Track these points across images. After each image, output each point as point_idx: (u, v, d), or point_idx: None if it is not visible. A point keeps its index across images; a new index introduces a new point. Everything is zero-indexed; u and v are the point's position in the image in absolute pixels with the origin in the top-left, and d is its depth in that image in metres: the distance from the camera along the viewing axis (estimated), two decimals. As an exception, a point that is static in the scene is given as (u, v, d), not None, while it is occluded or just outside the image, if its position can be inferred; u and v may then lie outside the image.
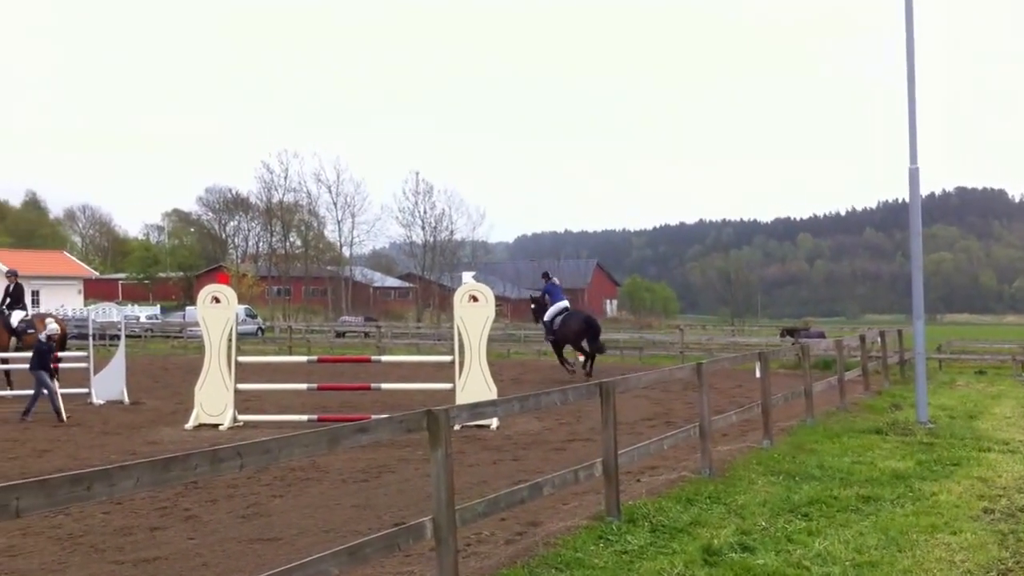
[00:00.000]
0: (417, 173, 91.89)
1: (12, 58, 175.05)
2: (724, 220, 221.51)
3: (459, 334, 17.10)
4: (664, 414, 18.36)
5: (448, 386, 17.41)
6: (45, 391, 18.27)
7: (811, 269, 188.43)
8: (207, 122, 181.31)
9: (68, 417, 18.06)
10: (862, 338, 22.66)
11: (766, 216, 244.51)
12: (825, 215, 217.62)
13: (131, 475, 4.94)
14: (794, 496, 10.21)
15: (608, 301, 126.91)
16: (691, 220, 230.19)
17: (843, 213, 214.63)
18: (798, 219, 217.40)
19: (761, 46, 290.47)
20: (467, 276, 18.25)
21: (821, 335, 33.06)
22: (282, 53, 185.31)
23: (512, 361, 35.15)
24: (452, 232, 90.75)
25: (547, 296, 28.13)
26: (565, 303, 27.87)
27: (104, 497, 4.93)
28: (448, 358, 17.91)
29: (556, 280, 29.39)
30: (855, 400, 19.30)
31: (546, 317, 27.67)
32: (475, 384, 16.55)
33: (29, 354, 21.60)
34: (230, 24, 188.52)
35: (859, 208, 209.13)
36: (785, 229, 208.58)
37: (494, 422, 16.33)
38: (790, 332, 37.28)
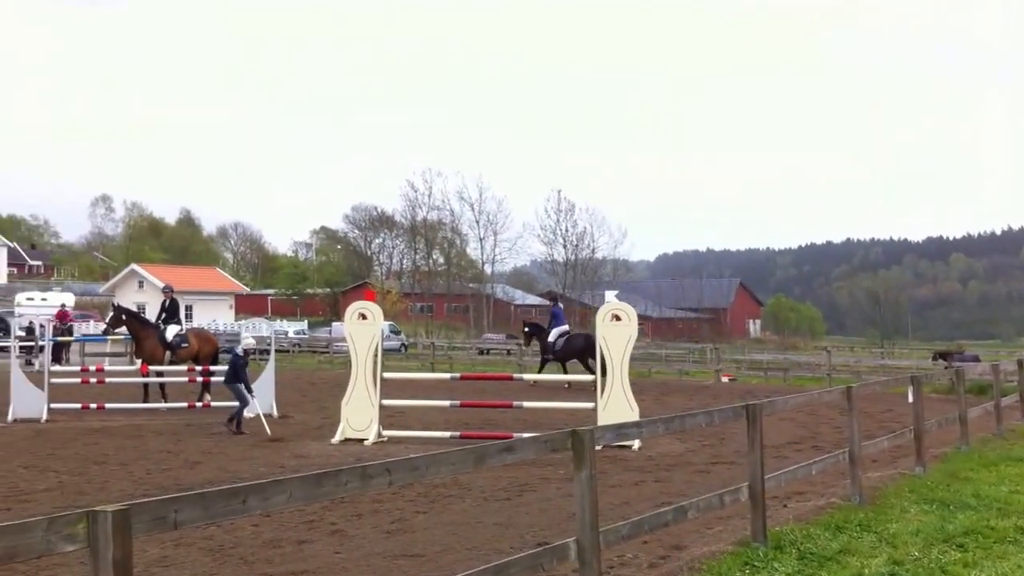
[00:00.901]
0: (559, 191, 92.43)
1: (173, 86, 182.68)
2: (872, 239, 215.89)
3: (601, 353, 17.01)
4: (811, 438, 17.91)
5: (589, 405, 17.34)
6: (241, 402, 18.79)
7: (964, 290, 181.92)
8: (355, 142, 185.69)
9: (227, 432, 18.52)
10: (1020, 362, 21.70)
11: (917, 235, 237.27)
12: (980, 234, 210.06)
13: (284, 490, 5.02)
14: (948, 526, 9.79)
15: (751, 321, 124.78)
16: (838, 239, 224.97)
17: (999, 232, 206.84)
18: (951, 238, 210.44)
19: (936, 66, 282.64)
20: (610, 295, 18.14)
21: (975, 359, 31.84)
22: (424, 76, 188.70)
23: (653, 381, 34.83)
24: (593, 250, 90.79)
25: (552, 318, 31.81)
26: (566, 327, 31.43)
27: (259, 511, 5.02)
28: (589, 377, 17.84)
29: (561, 305, 32.90)
30: (1012, 427, 18.49)
31: (551, 338, 31.11)
32: (617, 404, 16.42)
33: (183, 367, 22.44)
34: (379, 49, 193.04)
35: (1015, 227, 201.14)
36: (937, 248, 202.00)
37: (636, 442, 16.18)
38: (942, 355, 36.05)
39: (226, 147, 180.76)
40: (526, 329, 33.85)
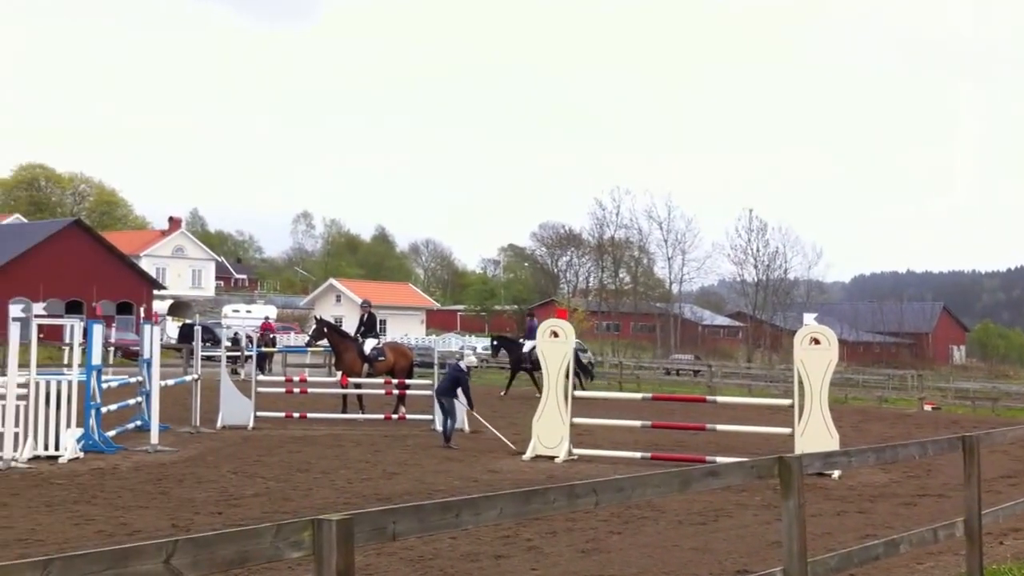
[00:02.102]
0: (751, 210, 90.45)
1: (369, 109, 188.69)
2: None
3: (799, 377, 16.57)
4: (1024, 472, 16.99)
5: (784, 431, 16.92)
6: (452, 417, 19.18)
7: None
8: (543, 162, 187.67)
9: (445, 446, 18.81)
10: None
11: None
12: None
13: (495, 505, 5.06)
14: None
15: (955, 348, 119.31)
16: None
17: None
18: None
19: None
20: (808, 317, 17.64)
21: None
22: (612, 98, 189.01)
23: (850, 407, 33.73)
24: (786, 271, 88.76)
25: (528, 331, 33.37)
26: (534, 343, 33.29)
27: (470, 525, 5.07)
28: (786, 401, 17.41)
29: (537, 320, 34.09)
30: None
31: (526, 349, 32.86)
32: (816, 430, 15.95)
33: (380, 380, 23.03)
34: (569, 73, 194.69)
35: None
36: None
37: (836, 471, 15.66)
38: None
39: (419, 167, 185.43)
40: (494, 343, 36.54)
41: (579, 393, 19.01)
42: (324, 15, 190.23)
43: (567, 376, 17.69)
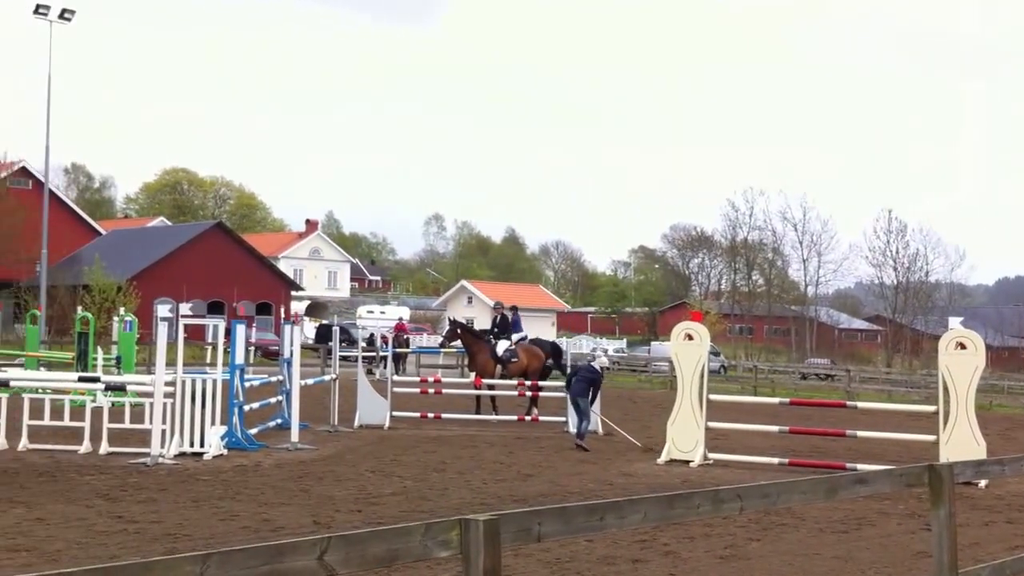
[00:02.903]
0: (890, 211, 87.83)
1: (500, 111, 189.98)
2: None
3: (944, 383, 16.05)
4: None
5: (926, 438, 16.45)
6: (587, 418, 19.23)
7: None
8: (671, 162, 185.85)
9: (578, 447, 18.81)
10: None
11: None
12: None
13: (639, 509, 5.04)
14: None
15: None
16: None
17: None
18: None
19: None
20: (954, 322, 17.08)
21: None
22: (745, 97, 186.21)
23: (996, 414, 32.53)
24: (927, 273, 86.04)
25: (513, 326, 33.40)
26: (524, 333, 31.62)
27: (615, 528, 5.05)
28: (929, 408, 16.92)
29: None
30: None
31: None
32: (962, 438, 15.41)
33: (513, 381, 23.14)
34: (699, 73, 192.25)
35: None
36: None
37: (983, 480, 15.12)
38: None
39: (549, 168, 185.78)
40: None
41: (713, 397, 18.76)
42: (443, 16, 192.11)
43: (702, 379, 17.49)
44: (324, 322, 57.29)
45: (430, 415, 22.03)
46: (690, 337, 17.81)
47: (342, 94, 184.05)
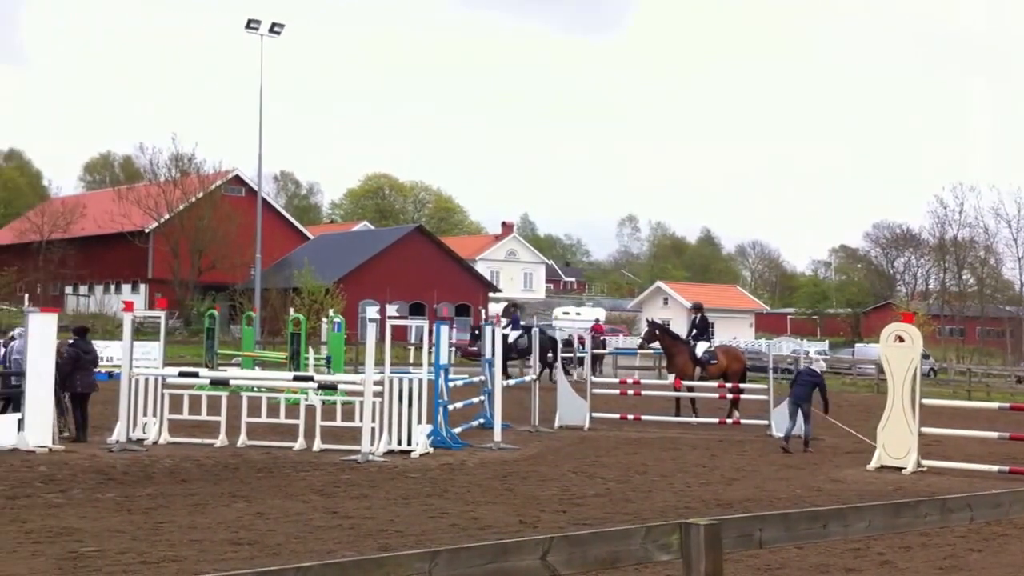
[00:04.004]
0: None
1: (689, 111, 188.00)
2: None
3: None
4: None
5: None
6: (808, 421, 18.89)
7: None
8: (873, 158, 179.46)
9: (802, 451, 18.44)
10: None
11: None
12: None
13: (864, 517, 4.88)
14: None
15: None
16: None
17: None
18: None
19: None
20: None
21: None
22: (958, 89, 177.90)
23: None
24: None
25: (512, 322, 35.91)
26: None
27: (838, 537, 4.92)
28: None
29: (519, 313, 38.16)
30: None
31: (510, 339, 33.47)
32: None
33: (714, 383, 22.82)
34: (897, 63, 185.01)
35: None
36: None
37: None
38: None
39: (744, 167, 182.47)
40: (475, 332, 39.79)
41: (926, 401, 18.01)
42: (629, 27, 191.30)
43: (914, 383, 16.82)
44: (522, 323, 57.90)
45: (630, 417, 21.96)
46: (901, 339, 17.16)
47: (537, 98, 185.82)
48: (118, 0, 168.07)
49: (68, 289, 72.57)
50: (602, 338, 43.58)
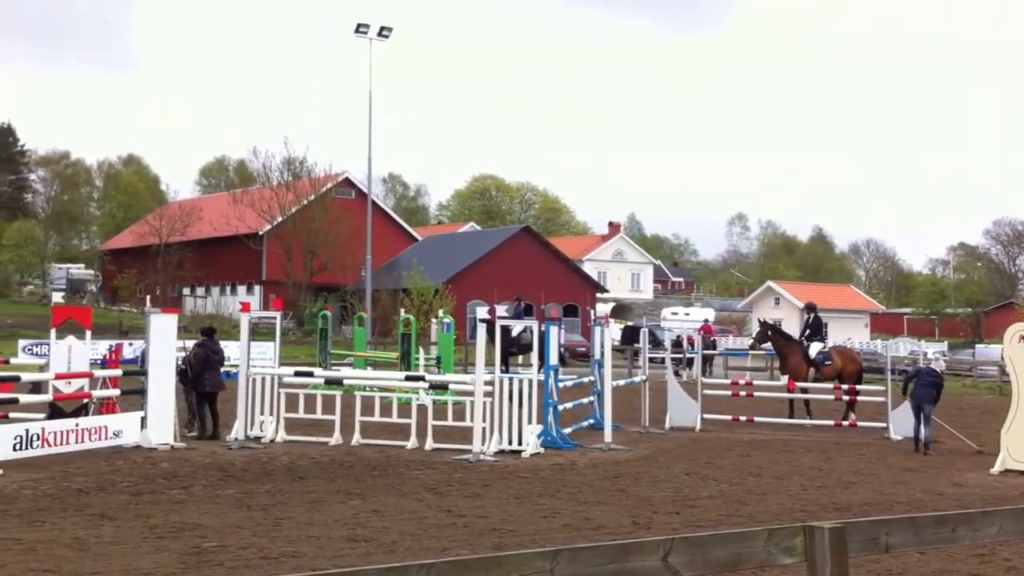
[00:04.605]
0: None
1: (790, 108, 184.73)
2: None
3: None
4: None
5: None
6: (928, 423, 18.51)
7: None
8: (992, 155, 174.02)
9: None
10: None
11: None
12: None
13: (994, 522, 4.74)
14: None
15: None
16: None
17: None
18: None
19: None
20: None
21: None
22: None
23: None
24: None
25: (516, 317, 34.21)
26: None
27: (967, 542, 4.78)
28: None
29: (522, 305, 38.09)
30: None
31: (515, 332, 32.42)
32: None
33: (829, 385, 22.37)
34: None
35: None
36: None
37: None
38: None
39: (857, 163, 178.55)
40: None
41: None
42: (735, 22, 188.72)
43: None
44: (630, 324, 57.71)
45: (742, 418, 21.66)
46: (1025, 339, 16.58)
47: (642, 97, 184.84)
48: (229, 7, 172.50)
49: (186, 290, 74.59)
50: (712, 339, 43.12)
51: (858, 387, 22.12)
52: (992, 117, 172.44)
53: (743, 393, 22.81)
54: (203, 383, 17.87)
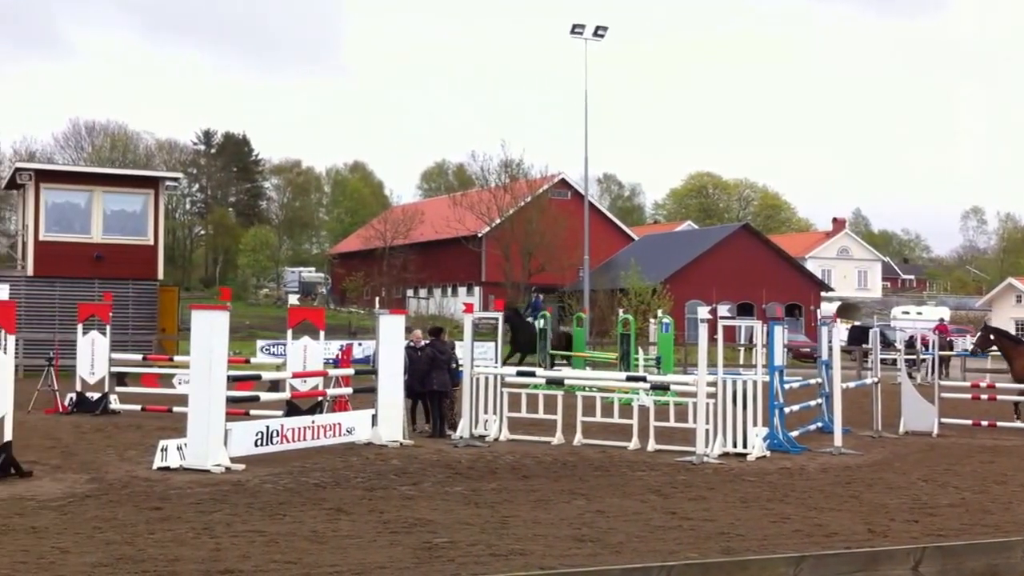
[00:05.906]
0: None
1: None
2: None
3: None
4: None
5: None
6: None
7: None
8: None
9: None
10: None
11: None
12: None
13: None
14: None
15: None
16: None
17: None
18: None
19: None
20: None
21: None
22: None
23: None
24: None
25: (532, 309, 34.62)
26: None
27: None
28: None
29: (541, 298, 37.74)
30: None
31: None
32: None
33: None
34: None
35: None
36: None
37: None
38: None
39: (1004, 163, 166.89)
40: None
41: None
42: (955, 6, 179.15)
43: None
44: (857, 323, 55.79)
45: (983, 423, 20.54)
46: None
47: (860, 86, 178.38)
48: (442, 14, 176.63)
49: (409, 292, 76.96)
50: (948, 339, 41.12)
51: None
52: None
53: (984, 396, 21.64)
54: (430, 382, 18.31)
